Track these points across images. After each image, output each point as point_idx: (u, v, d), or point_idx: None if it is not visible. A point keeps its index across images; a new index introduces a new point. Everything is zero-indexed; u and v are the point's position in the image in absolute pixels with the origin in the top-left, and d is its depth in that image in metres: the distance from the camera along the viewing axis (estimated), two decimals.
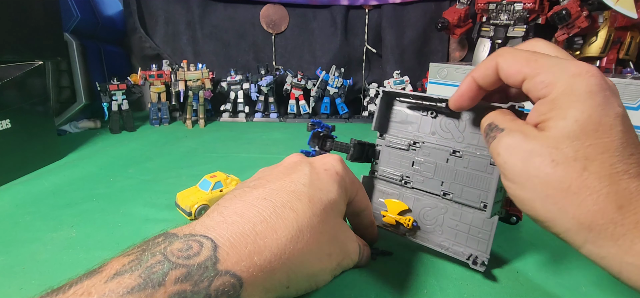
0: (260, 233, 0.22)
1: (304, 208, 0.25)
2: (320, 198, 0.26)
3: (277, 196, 0.25)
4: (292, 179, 0.27)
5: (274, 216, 0.23)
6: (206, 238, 0.21)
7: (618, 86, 0.55)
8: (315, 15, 1.14)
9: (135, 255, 0.20)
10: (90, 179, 0.64)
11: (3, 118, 0.62)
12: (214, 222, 0.23)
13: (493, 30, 0.92)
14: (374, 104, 1.11)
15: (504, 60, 0.28)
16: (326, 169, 0.29)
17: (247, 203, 0.24)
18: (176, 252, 0.20)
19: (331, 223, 0.27)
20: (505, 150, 0.26)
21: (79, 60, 0.93)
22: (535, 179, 0.25)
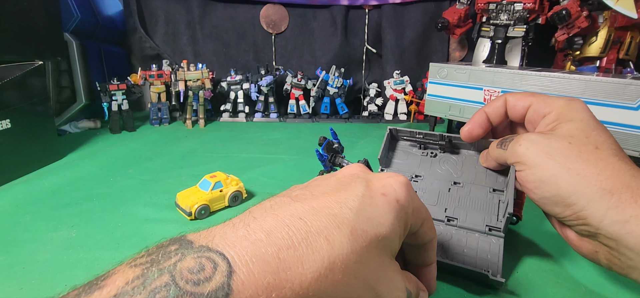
0: (284, 261, 0.18)
1: (343, 240, 0.20)
2: (365, 231, 0.21)
3: (314, 218, 0.20)
4: (339, 199, 0.22)
5: (304, 243, 0.19)
6: (222, 257, 0.18)
7: (618, 86, 0.55)
8: (315, 15, 1.14)
9: (141, 270, 0.17)
10: (90, 179, 0.64)
11: (3, 118, 0.62)
12: (237, 235, 0.19)
13: (493, 30, 0.92)
14: (374, 104, 1.11)
15: (512, 96, 0.36)
16: (384, 194, 0.23)
17: (279, 219, 0.20)
18: (186, 274, 0.17)
19: (373, 265, 0.22)
20: (526, 142, 0.32)
21: (79, 60, 0.93)
22: (557, 157, 0.29)
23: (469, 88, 0.74)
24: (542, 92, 0.63)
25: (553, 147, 0.30)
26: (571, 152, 0.30)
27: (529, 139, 0.32)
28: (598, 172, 0.28)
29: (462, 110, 0.76)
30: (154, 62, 1.04)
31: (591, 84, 0.58)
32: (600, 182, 0.28)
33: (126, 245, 0.44)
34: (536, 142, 0.32)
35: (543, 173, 0.30)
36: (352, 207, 0.22)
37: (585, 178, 0.28)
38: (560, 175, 0.29)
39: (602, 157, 0.29)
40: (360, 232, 0.21)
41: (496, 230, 0.36)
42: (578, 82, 0.59)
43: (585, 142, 0.30)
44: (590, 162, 0.29)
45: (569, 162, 0.29)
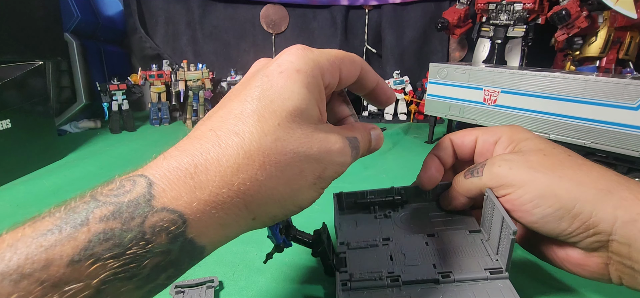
0: (201, 165, 0.20)
1: (251, 129, 0.21)
2: (273, 111, 0.21)
3: (222, 124, 0.21)
4: (241, 99, 0.22)
5: (216, 146, 0.20)
6: (140, 176, 0.19)
7: (618, 86, 0.55)
8: (315, 15, 1.14)
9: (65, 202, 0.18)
10: (90, 179, 0.64)
11: (3, 118, 0.62)
12: (154, 161, 0.21)
13: (493, 31, 0.92)
14: None
15: (456, 135, 0.36)
16: (281, 72, 0.23)
17: (192, 137, 0.22)
18: (106, 192, 0.18)
19: (296, 136, 0.22)
20: (504, 161, 0.30)
21: (79, 60, 0.93)
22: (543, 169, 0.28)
23: (469, 88, 0.74)
24: (542, 92, 0.64)
25: (533, 161, 0.29)
26: (553, 162, 0.28)
27: (504, 158, 0.30)
28: (587, 175, 0.27)
29: (462, 110, 0.76)
30: (154, 62, 1.04)
31: (591, 84, 0.58)
32: (595, 184, 0.26)
33: None
34: (514, 160, 0.29)
35: (537, 188, 0.27)
36: (253, 97, 0.22)
37: (580, 183, 0.26)
38: (557, 185, 0.27)
39: (580, 163, 0.28)
40: (268, 115, 0.21)
41: (497, 271, 0.30)
42: (578, 82, 0.60)
43: (556, 153, 0.29)
44: (574, 168, 0.28)
45: (558, 171, 0.27)
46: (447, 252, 0.33)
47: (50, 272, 0.15)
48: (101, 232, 0.17)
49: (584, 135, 0.61)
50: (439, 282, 0.30)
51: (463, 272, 0.31)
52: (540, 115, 0.65)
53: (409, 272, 0.31)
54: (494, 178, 0.30)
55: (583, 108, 0.60)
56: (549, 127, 0.65)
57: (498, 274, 0.30)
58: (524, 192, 0.28)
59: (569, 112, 0.62)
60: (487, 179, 0.30)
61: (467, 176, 0.33)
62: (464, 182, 0.33)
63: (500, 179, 0.29)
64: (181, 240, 0.19)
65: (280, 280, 0.38)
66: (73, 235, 0.16)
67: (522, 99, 0.67)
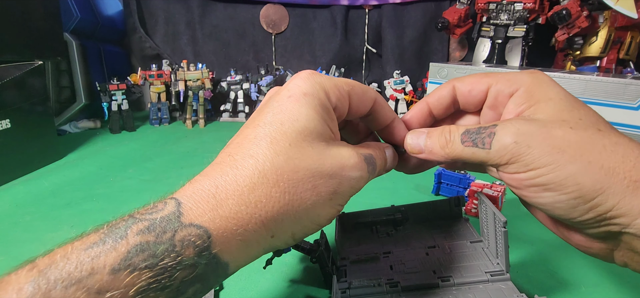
0: (221, 186, 0.22)
1: (264, 151, 0.23)
2: (283, 133, 0.23)
3: (238, 149, 0.24)
4: (255, 124, 0.24)
5: (233, 168, 0.23)
6: (171, 198, 0.22)
7: (618, 86, 0.55)
8: (315, 15, 1.14)
9: (106, 223, 0.21)
10: (90, 179, 0.64)
11: (3, 118, 0.62)
12: (183, 187, 0.23)
13: (493, 30, 0.92)
14: None
15: (463, 82, 0.30)
16: (290, 96, 0.24)
17: (214, 164, 0.24)
18: (142, 211, 0.21)
19: (308, 155, 0.23)
20: (524, 136, 0.24)
21: (79, 60, 0.93)
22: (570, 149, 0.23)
23: None
24: None
25: (559, 138, 0.23)
26: (582, 140, 0.23)
27: (521, 130, 0.24)
28: (622, 161, 0.22)
29: None
30: (154, 62, 1.03)
31: (591, 84, 0.58)
32: (628, 173, 0.22)
33: None
34: (534, 135, 0.24)
35: (558, 173, 0.23)
36: (265, 122, 0.24)
37: (611, 172, 0.22)
38: (582, 173, 0.22)
39: (614, 141, 0.23)
40: (279, 137, 0.23)
41: (498, 274, 0.30)
42: (578, 82, 0.59)
43: (585, 125, 0.24)
44: (606, 149, 0.23)
45: (587, 154, 0.23)
46: (447, 260, 0.33)
47: (95, 279, 0.17)
48: (138, 244, 0.19)
49: None
50: (438, 286, 0.30)
51: (462, 276, 0.31)
52: None
53: (408, 278, 0.31)
54: (505, 154, 0.24)
55: None
56: None
57: (499, 276, 0.30)
58: (539, 174, 0.23)
59: None
60: (496, 154, 0.25)
61: (466, 142, 0.26)
62: (460, 149, 0.27)
63: (513, 156, 0.24)
64: (206, 254, 0.20)
65: (280, 281, 0.37)
66: (114, 247, 0.18)
67: None
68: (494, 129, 0.25)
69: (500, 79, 0.28)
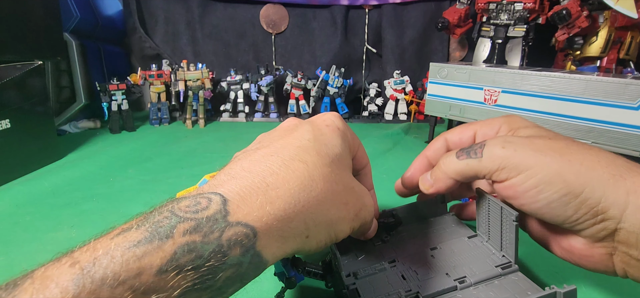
0: (271, 184, 0.22)
1: (313, 159, 0.24)
2: (327, 152, 0.26)
3: (284, 151, 0.24)
4: (296, 136, 0.26)
5: (283, 168, 0.23)
6: (214, 194, 0.21)
7: (618, 86, 0.55)
8: (315, 15, 1.14)
9: (144, 216, 0.19)
10: (90, 179, 0.64)
11: (3, 118, 0.62)
12: (221, 180, 0.22)
13: (493, 30, 0.92)
14: (375, 104, 1.11)
15: (452, 133, 0.35)
16: (327, 125, 0.28)
17: (254, 160, 0.24)
18: (184, 208, 0.20)
19: (342, 176, 0.26)
20: (507, 143, 0.28)
21: (79, 60, 0.93)
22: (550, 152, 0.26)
23: (470, 88, 0.74)
24: (543, 92, 0.64)
25: (540, 144, 0.27)
26: (560, 145, 0.26)
27: (507, 139, 0.28)
28: (597, 159, 0.25)
29: (462, 110, 0.76)
30: (154, 62, 1.03)
31: (591, 84, 0.58)
32: (606, 168, 0.25)
33: None
34: (518, 142, 0.27)
35: (545, 172, 0.25)
36: (309, 138, 0.26)
37: (591, 168, 0.25)
38: (566, 169, 0.25)
39: (588, 147, 0.27)
40: (323, 154, 0.25)
41: (507, 266, 0.30)
42: (578, 82, 0.59)
43: (561, 137, 0.28)
44: (583, 152, 0.26)
45: (566, 155, 0.26)
46: (454, 261, 0.33)
47: (142, 280, 0.17)
48: (185, 245, 0.18)
49: (585, 135, 0.61)
50: (457, 288, 0.30)
51: (476, 274, 0.31)
52: (541, 115, 0.65)
53: (425, 286, 0.31)
54: (495, 160, 0.28)
55: (584, 108, 0.60)
56: (549, 127, 0.64)
57: (509, 268, 0.31)
58: (529, 176, 0.26)
59: (570, 112, 0.61)
60: (487, 161, 0.28)
61: (461, 157, 0.30)
62: (456, 163, 0.30)
63: (502, 161, 0.27)
64: (251, 252, 0.20)
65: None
66: (161, 246, 0.17)
67: (522, 99, 0.67)
68: (484, 143, 0.29)
69: (483, 124, 0.33)
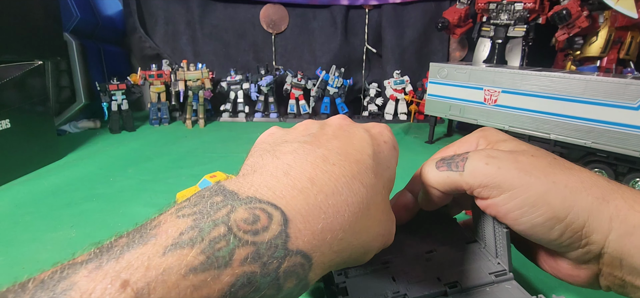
0: (333, 206, 0.19)
1: (372, 183, 0.22)
2: (382, 174, 0.24)
3: (345, 164, 0.22)
4: (356, 147, 0.23)
5: (346, 188, 0.20)
6: (275, 207, 0.18)
7: (619, 86, 0.55)
8: (315, 15, 1.14)
9: (193, 220, 0.17)
10: (90, 179, 0.64)
11: (3, 118, 0.62)
12: (281, 184, 0.19)
13: (493, 30, 0.92)
14: (375, 104, 1.11)
15: (428, 164, 0.31)
16: (385, 142, 0.25)
17: (315, 165, 0.21)
18: (242, 225, 0.17)
19: (387, 203, 0.25)
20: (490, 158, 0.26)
21: (79, 60, 0.93)
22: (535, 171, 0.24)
23: (470, 88, 0.74)
24: (543, 92, 0.64)
25: (524, 162, 0.25)
26: (543, 164, 0.25)
27: (491, 154, 0.26)
28: (580, 180, 0.24)
29: (462, 110, 0.76)
30: (154, 62, 1.04)
31: (591, 84, 0.58)
32: (590, 190, 0.23)
33: None
34: (503, 159, 0.25)
35: (528, 194, 0.24)
36: (370, 153, 0.23)
37: (575, 190, 0.23)
38: (550, 192, 0.23)
39: (568, 166, 0.25)
40: (379, 175, 0.23)
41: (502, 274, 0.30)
42: (578, 82, 0.59)
43: (542, 154, 0.26)
44: (565, 172, 0.24)
45: (551, 175, 0.24)
46: (449, 265, 0.32)
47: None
48: (243, 275, 0.16)
49: (585, 135, 0.60)
50: (447, 294, 0.30)
51: (468, 280, 0.30)
52: (541, 115, 0.65)
53: (414, 289, 0.30)
54: (478, 176, 0.25)
55: (584, 108, 0.60)
56: (549, 127, 0.65)
57: (503, 276, 0.30)
58: (512, 197, 0.24)
59: (570, 112, 0.61)
60: (469, 177, 0.26)
61: (441, 167, 0.28)
62: (437, 175, 0.28)
63: (485, 178, 0.25)
64: (303, 283, 0.18)
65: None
66: (218, 277, 0.15)
67: (522, 99, 0.67)
68: (466, 155, 0.27)
69: (461, 144, 0.31)
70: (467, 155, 0.27)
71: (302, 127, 0.26)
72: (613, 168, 0.61)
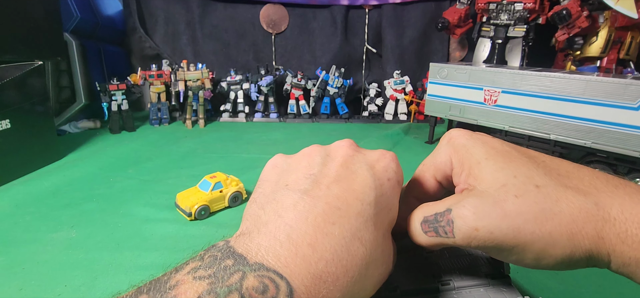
0: (333, 274, 0.20)
1: (371, 238, 0.21)
2: (383, 222, 0.23)
3: (345, 221, 0.21)
4: (357, 194, 0.22)
5: (345, 252, 0.20)
6: (280, 277, 0.19)
7: (619, 86, 0.55)
8: (315, 15, 1.14)
9: (208, 283, 0.17)
10: (90, 179, 0.64)
11: (3, 118, 0.62)
12: (285, 250, 0.20)
13: (493, 30, 0.92)
14: (375, 104, 1.11)
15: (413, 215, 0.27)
16: (389, 179, 0.24)
17: (316, 226, 0.21)
18: (253, 294, 0.18)
19: (387, 244, 0.23)
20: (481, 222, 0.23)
21: (79, 60, 0.93)
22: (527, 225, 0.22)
23: (469, 88, 0.74)
24: (542, 92, 0.63)
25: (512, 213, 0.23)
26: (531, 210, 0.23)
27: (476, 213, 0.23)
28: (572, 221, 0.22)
29: (462, 110, 0.76)
30: (154, 62, 1.03)
31: (591, 84, 0.58)
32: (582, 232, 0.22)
33: (126, 246, 0.44)
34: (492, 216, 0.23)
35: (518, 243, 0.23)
36: (370, 201, 0.22)
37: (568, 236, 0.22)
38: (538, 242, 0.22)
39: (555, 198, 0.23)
40: (379, 224, 0.22)
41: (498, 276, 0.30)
42: (578, 82, 0.59)
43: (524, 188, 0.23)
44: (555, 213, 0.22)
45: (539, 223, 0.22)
46: (447, 263, 0.32)
47: None
48: None
49: (585, 135, 0.60)
50: (438, 290, 0.30)
51: (463, 279, 0.30)
52: (541, 115, 0.65)
53: (406, 282, 0.31)
54: (472, 240, 0.24)
55: (584, 108, 0.60)
56: (549, 127, 0.65)
57: (498, 277, 0.30)
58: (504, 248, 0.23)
59: (570, 112, 0.61)
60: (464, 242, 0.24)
61: (428, 232, 0.25)
62: (427, 240, 0.26)
63: (479, 243, 0.24)
64: None
65: None
66: None
67: (522, 99, 0.67)
68: (450, 216, 0.24)
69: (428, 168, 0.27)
70: (450, 216, 0.24)
71: (305, 161, 0.25)
72: (613, 169, 0.61)
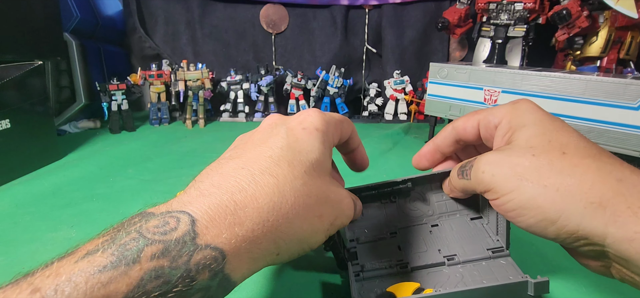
0: (240, 202, 0.21)
1: (284, 172, 0.23)
2: (300, 161, 0.25)
3: (255, 164, 0.23)
4: (269, 145, 0.25)
5: (253, 184, 0.22)
6: (183, 213, 0.20)
7: (619, 86, 0.55)
8: (315, 15, 1.14)
9: (110, 235, 0.19)
10: (89, 179, 0.64)
11: (3, 118, 0.62)
12: (191, 197, 0.21)
13: (493, 30, 0.92)
14: (375, 104, 1.11)
15: (459, 121, 0.34)
16: (304, 128, 0.26)
17: (224, 174, 0.23)
18: (152, 229, 0.19)
19: (318, 184, 0.25)
20: (488, 165, 0.27)
21: (79, 60, 0.93)
22: (529, 175, 0.25)
23: (470, 88, 0.74)
24: (543, 92, 0.63)
25: (519, 165, 0.26)
26: (540, 165, 0.25)
27: (489, 161, 0.28)
28: (579, 182, 0.24)
29: (462, 110, 0.76)
30: (154, 62, 1.03)
31: (592, 84, 0.58)
32: (585, 194, 0.23)
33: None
34: (499, 163, 0.27)
35: (521, 198, 0.25)
36: (282, 146, 0.25)
37: (567, 193, 0.24)
38: (540, 196, 0.24)
39: (575, 163, 0.25)
40: (296, 163, 0.24)
41: (499, 250, 0.32)
42: (578, 82, 0.59)
43: (550, 148, 0.26)
44: (565, 172, 0.24)
45: (543, 179, 0.25)
46: (451, 238, 0.35)
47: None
48: (152, 270, 0.17)
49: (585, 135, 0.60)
50: (445, 264, 0.33)
51: (467, 254, 0.33)
52: None
53: (416, 258, 0.34)
54: (479, 184, 0.28)
55: (584, 108, 0.60)
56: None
57: (500, 252, 0.32)
58: (508, 199, 0.26)
59: (570, 112, 0.61)
60: (474, 183, 0.29)
61: (459, 175, 0.31)
62: (458, 181, 0.32)
63: (485, 185, 0.28)
64: (220, 276, 0.20)
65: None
66: (127, 273, 0.17)
67: None
68: (472, 162, 0.29)
69: (487, 113, 0.31)
70: (473, 162, 0.29)
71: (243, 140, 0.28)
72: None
